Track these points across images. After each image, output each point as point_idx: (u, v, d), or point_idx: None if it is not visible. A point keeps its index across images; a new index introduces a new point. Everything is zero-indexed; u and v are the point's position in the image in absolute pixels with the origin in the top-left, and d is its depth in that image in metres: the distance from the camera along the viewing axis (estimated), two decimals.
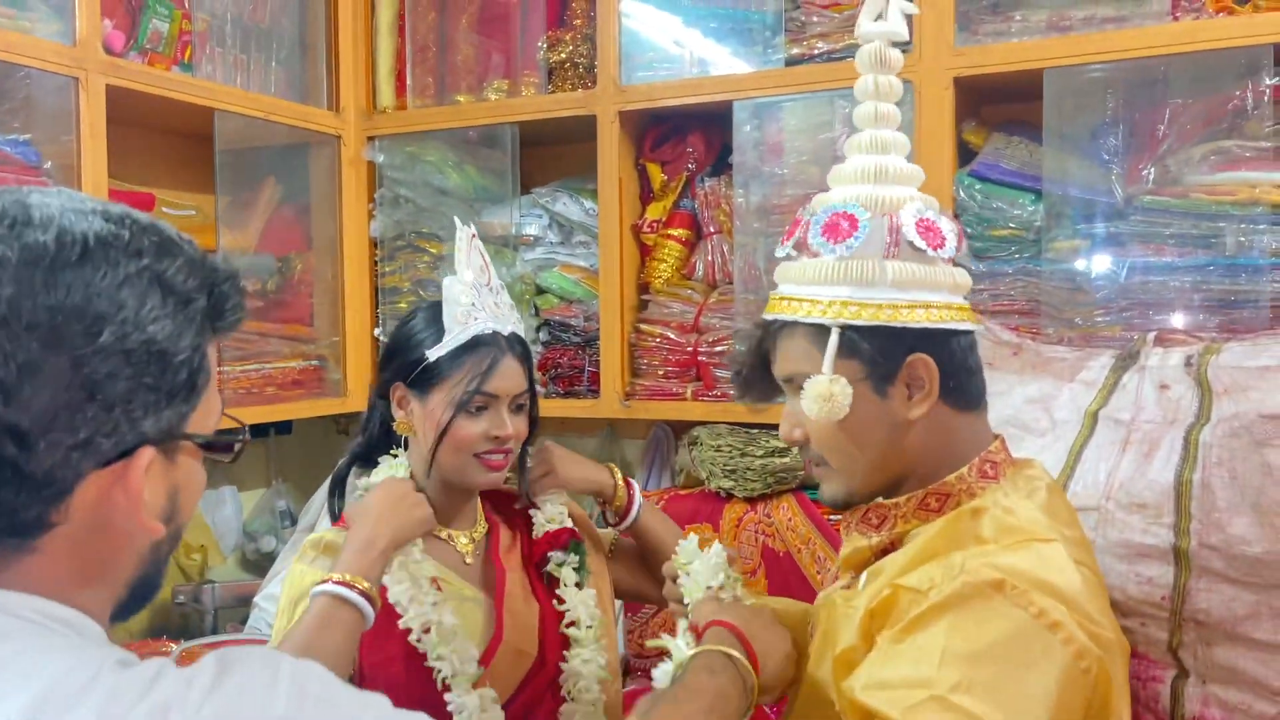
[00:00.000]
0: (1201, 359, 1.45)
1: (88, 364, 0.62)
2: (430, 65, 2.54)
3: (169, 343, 0.66)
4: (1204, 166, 1.81)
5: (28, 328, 0.61)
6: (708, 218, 2.32)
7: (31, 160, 1.90)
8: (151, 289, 0.66)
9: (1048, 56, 1.90)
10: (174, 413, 0.68)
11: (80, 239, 0.64)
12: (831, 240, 1.11)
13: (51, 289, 0.62)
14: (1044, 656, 0.94)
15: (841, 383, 1.08)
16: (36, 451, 0.62)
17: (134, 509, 0.67)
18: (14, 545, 0.65)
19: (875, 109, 1.16)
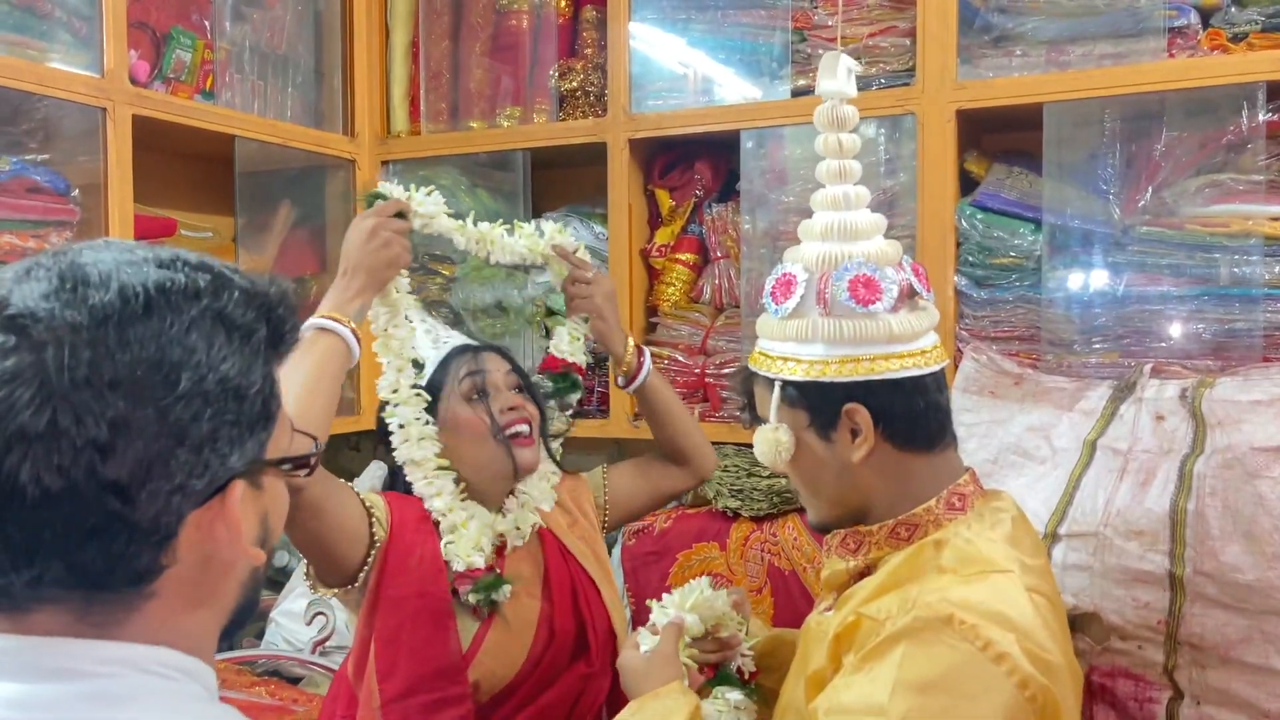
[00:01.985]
0: (1196, 392, 1.50)
1: (172, 412, 0.64)
2: (444, 91, 2.59)
3: (241, 377, 0.69)
4: (1199, 199, 1.87)
5: (110, 386, 0.63)
6: (715, 243, 2.37)
7: (60, 188, 1.95)
8: (216, 328, 0.68)
9: (1047, 91, 1.95)
10: (255, 442, 0.70)
11: (142, 292, 0.66)
12: (776, 300, 1.19)
13: (126, 346, 0.64)
14: (989, 688, 0.99)
15: (784, 429, 1.17)
16: (139, 502, 0.64)
17: (235, 540, 0.70)
18: (134, 593, 0.67)
19: (831, 166, 1.22)
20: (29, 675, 0.65)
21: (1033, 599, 1.05)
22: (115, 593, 0.67)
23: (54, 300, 0.64)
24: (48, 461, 0.61)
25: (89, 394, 0.62)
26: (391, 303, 1.52)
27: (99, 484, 0.62)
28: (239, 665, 2.31)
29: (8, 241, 1.88)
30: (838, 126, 1.22)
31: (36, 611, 0.66)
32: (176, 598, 0.69)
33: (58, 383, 0.62)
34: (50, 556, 0.64)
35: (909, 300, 1.17)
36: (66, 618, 0.66)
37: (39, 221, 1.93)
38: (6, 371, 0.62)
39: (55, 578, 0.65)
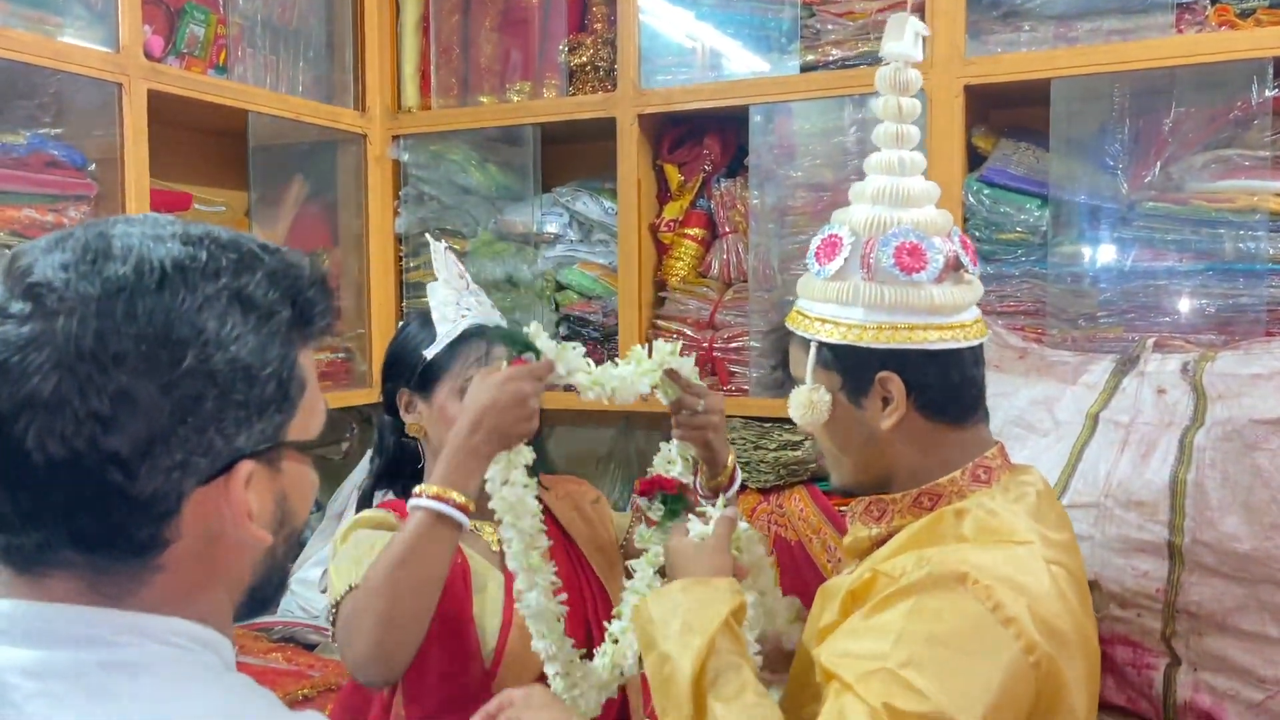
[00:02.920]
0: (1198, 365, 1.52)
1: (176, 389, 0.64)
2: (454, 66, 2.61)
3: (253, 358, 0.67)
4: (1205, 174, 1.87)
5: (115, 359, 0.63)
6: (723, 218, 2.39)
7: (77, 163, 1.98)
8: (231, 308, 0.67)
9: (1055, 66, 1.96)
10: (268, 424, 0.69)
11: (158, 266, 0.65)
12: (820, 260, 1.19)
13: (133, 320, 0.63)
14: (994, 648, 1.00)
15: (820, 392, 1.17)
16: (139, 476, 0.64)
17: (240, 520, 0.69)
18: (140, 564, 0.68)
19: (890, 130, 1.20)
20: (46, 641, 0.66)
21: (1051, 570, 1.06)
22: (122, 563, 0.67)
23: (72, 271, 0.64)
24: (51, 429, 0.62)
25: (93, 366, 0.62)
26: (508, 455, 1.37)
27: (100, 455, 0.63)
28: (255, 631, 2.35)
29: (26, 215, 1.91)
30: (900, 90, 1.20)
31: (50, 576, 0.67)
32: (186, 573, 0.69)
33: (65, 352, 0.62)
34: (55, 522, 0.65)
35: (954, 272, 1.16)
36: (79, 584, 0.67)
37: (57, 196, 1.96)
38: (22, 338, 0.63)
39: (61, 543, 0.66)
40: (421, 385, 1.51)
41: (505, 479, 1.36)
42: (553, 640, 1.37)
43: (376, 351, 2.61)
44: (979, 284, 1.21)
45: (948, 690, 0.98)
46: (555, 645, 1.37)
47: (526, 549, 1.38)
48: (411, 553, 1.26)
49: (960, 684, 0.98)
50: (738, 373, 2.32)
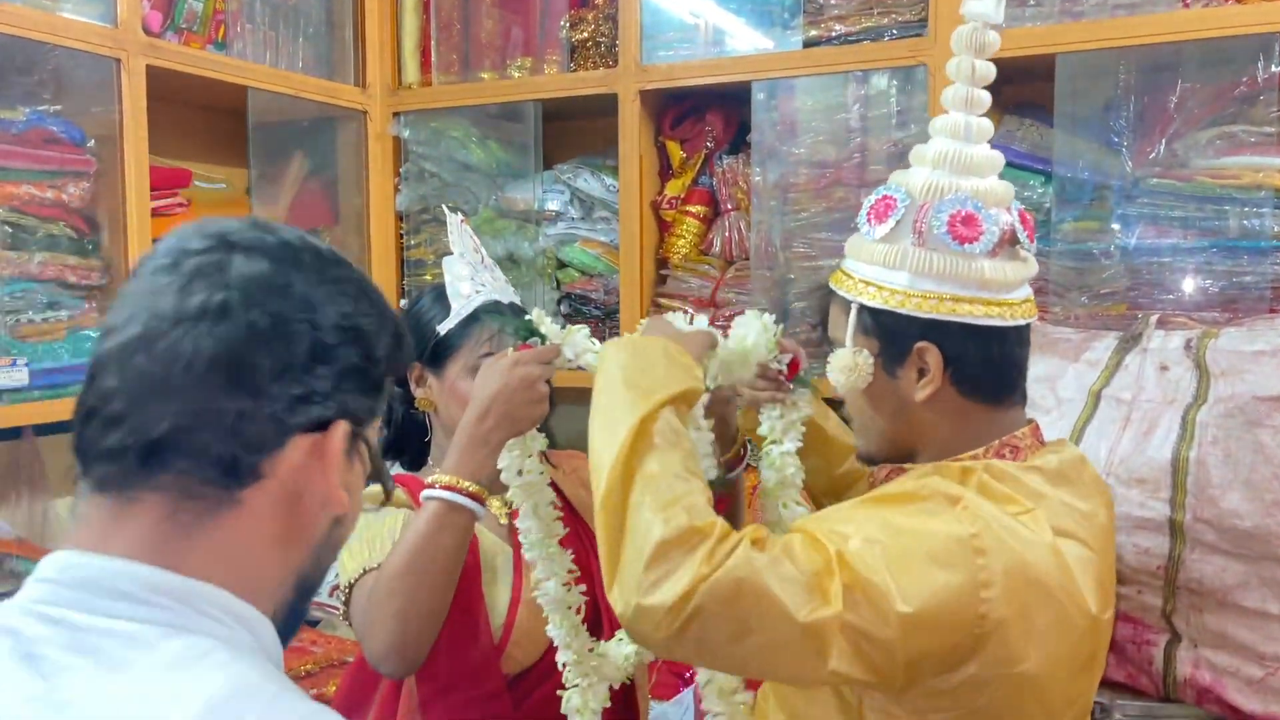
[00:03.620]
0: (1200, 342, 1.52)
1: (321, 330, 0.72)
2: (454, 42, 2.59)
3: (374, 338, 0.77)
4: (1210, 151, 1.86)
5: (279, 292, 0.72)
6: (725, 195, 2.38)
7: (76, 139, 1.97)
8: (360, 296, 0.77)
9: (1060, 41, 1.94)
10: (367, 405, 0.77)
11: (315, 247, 0.76)
12: (874, 222, 1.15)
13: (296, 269, 0.74)
14: (956, 566, 0.99)
15: (864, 355, 1.14)
16: (268, 393, 0.70)
17: (329, 474, 0.74)
18: (224, 496, 0.71)
19: (959, 92, 1.16)
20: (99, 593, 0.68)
21: (1055, 540, 1.04)
22: (212, 487, 0.71)
23: (250, 230, 0.75)
24: (211, 331, 0.69)
25: (260, 290, 0.71)
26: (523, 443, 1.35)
27: (246, 363, 0.69)
28: None
29: (26, 191, 1.90)
30: (976, 51, 1.16)
31: (139, 500, 0.70)
32: (260, 520, 0.73)
33: (237, 274, 0.71)
34: (180, 433, 0.69)
35: (1009, 247, 1.13)
36: (159, 513, 0.70)
37: (56, 172, 1.95)
38: (195, 265, 0.71)
39: (176, 457, 0.69)
40: (433, 360, 1.51)
41: (520, 468, 1.35)
42: (568, 629, 1.37)
43: None
44: (1034, 262, 1.17)
45: (896, 575, 0.97)
46: (570, 634, 1.38)
47: (545, 538, 1.38)
48: (427, 544, 1.25)
49: (912, 576, 0.98)
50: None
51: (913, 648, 0.98)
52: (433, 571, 1.26)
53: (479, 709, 1.45)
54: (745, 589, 0.96)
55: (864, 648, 0.97)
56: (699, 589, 0.95)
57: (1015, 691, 1.03)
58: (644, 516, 0.99)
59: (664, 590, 0.96)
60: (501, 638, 1.47)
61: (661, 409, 1.06)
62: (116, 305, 0.73)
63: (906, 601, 0.96)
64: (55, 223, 1.96)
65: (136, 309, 0.70)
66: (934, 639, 0.99)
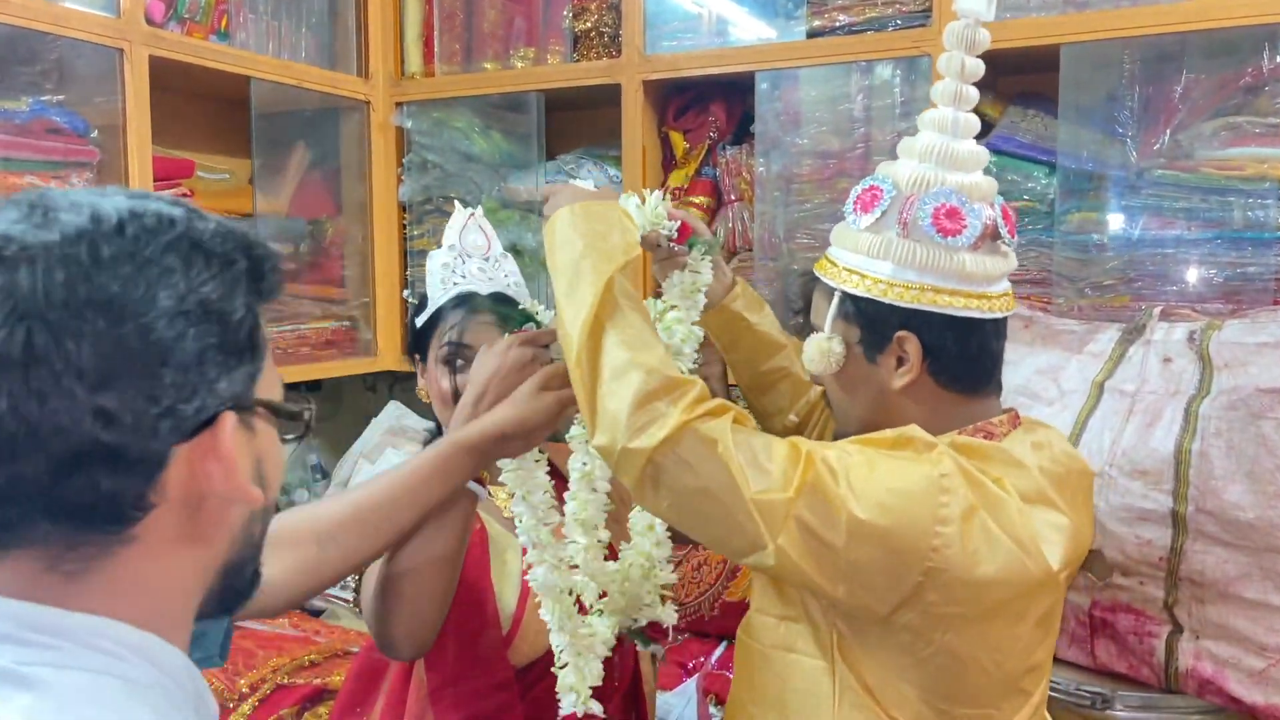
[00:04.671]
0: (1204, 334, 1.51)
1: (154, 329, 0.61)
2: (457, 32, 2.59)
3: (224, 302, 0.65)
4: (1215, 141, 1.86)
5: (88, 304, 0.59)
6: (729, 185, 2.37)
7: (80, 129, 1.97)
8: (194, 254, 0.64)
9: (1065, 32, 1.94)
10: (244, 374, 0.66)
11: (114, 213, 0.63)
12: (858, 211, 1.17)
13: (100, 264, 0.60)
14: (921, 497, 1.02)
15: (837, 341, 1.17)
16: (124, 427, 0.60)
17: (231, 474, 0.65)
18: (114, 535, 0.63)
19: (948, 88, 1.17)
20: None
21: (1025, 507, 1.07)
22: (96, 533, 0.62)
23: (25, 223, 0.61)
24: (25, 389, 0.58)
25: (66, 313, 0.59)
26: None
27: (83, 410, 0.59)
28: None
29: (29, 182, 1.90)
30: (967, 48, 1.17)
31: (7, 555, 0.62)
32: (160, 544, 0.65)
33: (32, 303, 0.58)
34: (30, 495, 0.60)
35: (990, 241, 1.15)
36: (35, 565, 0.62)
37: (59, 162, 1.95)
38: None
39: (33, 519, 0.61)
40: (422, 352, 1.54)
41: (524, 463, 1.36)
42: (560, 613, 1.39)
43: (380, 320, 2.61)
44: (1014, 257, 1.19)
45: (855, 485, 1.02)
46: (563, 618, 1.39)
47: (537, 524, 1.39)
48: (427, 526, 1.27)
49: (872, 489, 1.02)
50: None
51: (855, 553, 1.02)
52: (434, 552, 1.28)
53: (488, 699, 1.45)
54: (718, 451, 1.03)
55: (810, 543, 1.02)
56: (682, 435, 1.03)
57: (968, 640, 1.05)
58: (621, 365, 1.07)
59: (649, 434, 1.03)
60: (510, 629, 1.48)
61: (619, 272, 1.14)
62: None
63: (860, 509, 1.01)
64: None
65: None
66: (879, 554, 1.02)
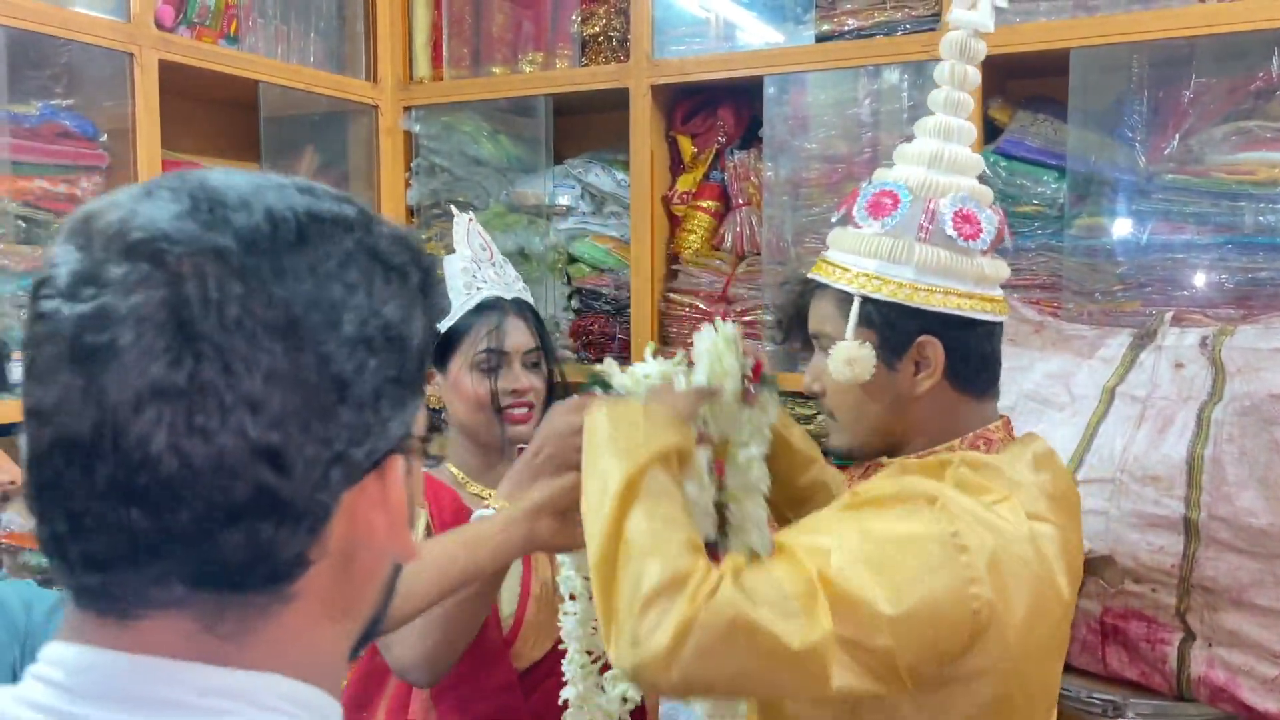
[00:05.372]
0: (1216, 340, 1.51)
1: (334, 361, 0.52)
2: (466, 37, 2.59)
3: (404, 326, 0.56)
4: (1226, 146, 1.85)
5: (265, 327, 0.50)
6: (737, 190, 2.37)
7: (89, 133, 1.97)
8: (373, 265, 0.55)
9: (1074, 36, 1.93)
10: (414, 408, 0.58)
11: (290, 215, 0.53)
12: (873, 216, 1.17)
13: (279, 278, 0.51)
14: (941, 566, 0.99)
15: (867, 348, 1.15)
16: (294, 473, 0.51)
17: (398, 529, 0.57)
18: (273, 595, 0.54)
19: (949, 96, 1.19)
20: (127, 704, 0.52)
21: (1031, 523, 1.05)
22: (254, 593, 0.54)
23: (191, 221, 0.51)
24: (189, 423, 0.49)
25: (240, 337, 0.50)
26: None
27: (251, 450, 0.50)
28: None
29: (39, 186, 1.91)
30: (965, 58, 1.19)
31: (150, 618, 0.52)
32: (317, 604, 0.56)
33: (202, 323, 0.49)
34: (183, 547, 0.51)
35: (998, 245, 1.17)
36: (189, 627, 0.53)
37: (69, 166, 1.96)
38: (133, 310, 0.49)
39: (183, 575, 0.52)
40: (437, 358, 1.53)
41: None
42: (579, 667, 1.39)
43: None
44: (1005, 263, 1.21)
45: (881, 582, 0.97)
46: (580, 673, 1.39)
47: (577, 574, 1.38)
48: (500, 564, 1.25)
49: (897, 580, 0.98)
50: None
51: (910, 651, 0.98)
52: (476, 602, 1.29)
53: (490, 701, 1.46)
54: (737, 625, 0.96)
55: (862, 658, 0.97)
56: (690, 631, 0.95)
57: (1005, 680, 1.04)
58: (631, 570, 1.00)
59: (656, 638, 0.96)
60: (510, 631, 1.48)
61: (647, 468, 1.06)
62: (30, 372, 0.52)
63: (894, 605, 0.97)
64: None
65: (68, 387, 0.50)
66: (929, 640, 0.99)
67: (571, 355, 2.48)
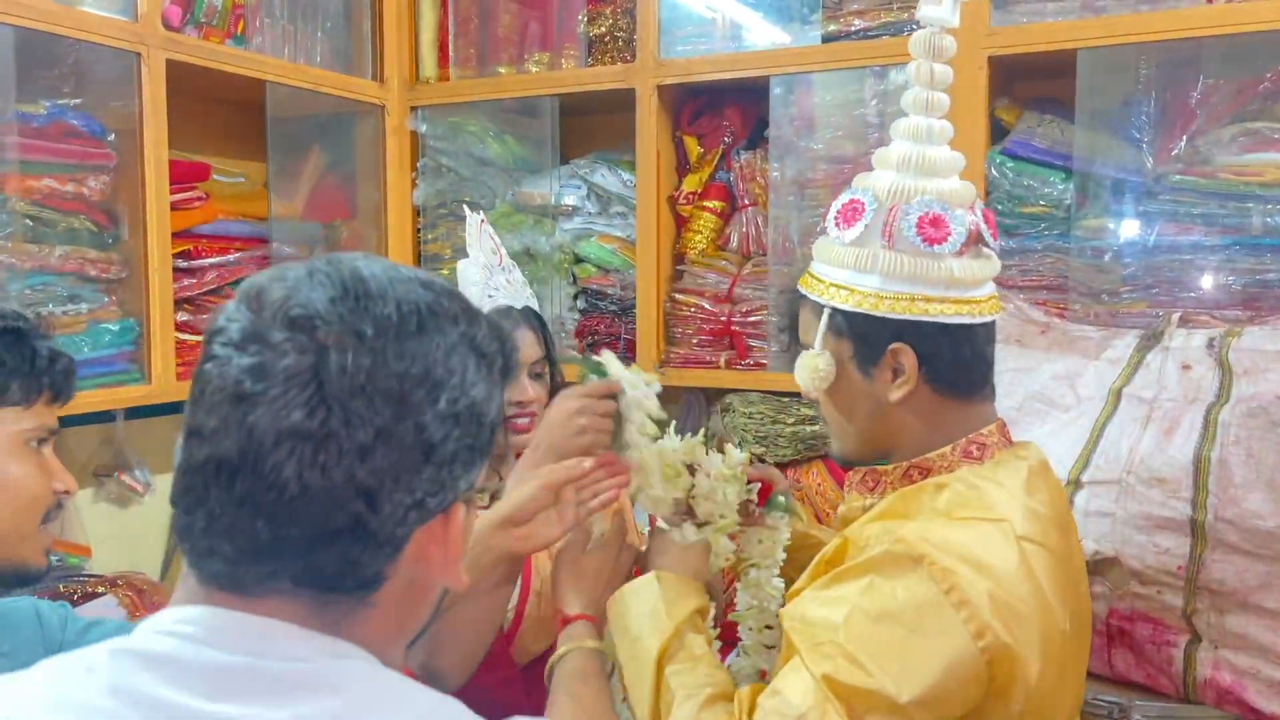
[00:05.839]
0: (1223, 341, 1.50)
1: (427, 429, 0.67)
2: (472, 37, 2.59)
3: (485, 405, 0.71)
4: (1233, 147, 1.85)
5: (382, 395, 0.65)
6: (743, 190, 2.37)
7: (97, 132, 1.98)
8: (470, 354, 0.70)
9: (1082, 37, 1.93)
10: (479, 469, 0.73)
11: (416, 309, 0.68)
12: (841, 225, 1.16)
13: (401, 359, 0.66)
14: (942, 630, 0.99)
15: (826, 358, 1.15)
16: (382, 511, 0.66)
17: (452, 563, 0.72)
18: (358, 599, 0.69)
19: (918, 96, 1.17)
20: (266, 655, 0.65)
21: (1023, 548, 1.04)
22: (343, 597, 0.68)
23: (340, 306, 0.66)
24: (313, 460, 0.63)
25: (362, 400, 0.65)
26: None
27: (353, 487, 0.65)
28: None
29: (47, 185, 1.91)
30: (933, 55, 1.17)
31: (267, 599, 0.67)
32: (389, 613, 0.71)
33: (337, 386, 0.64)
34: (292, 554, 0.65)
35: (974, 246, 1.14)
36: (302, 611, 0.67)
37: (77, 165, 1.96)
38: (287, 369, 0.64)
39: (291, 575, 0.66)
40: None
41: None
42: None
43: None
44: (997, 260, 1.19)
45: (888, 669, 0.98)
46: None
47: None
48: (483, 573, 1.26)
49: (903, 662, 0.98)
50: (756, 346, 2.31)
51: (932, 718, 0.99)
52: (486, 604, 1.30)
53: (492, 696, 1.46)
54: None
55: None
56: None
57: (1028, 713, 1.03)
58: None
59: None
60: (510, 625, 1.48)
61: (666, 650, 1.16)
62: (198, 400, 0.67)
63: (905, 689, 0.97)
64: (75, 216, 1.97)
65: (227, 418, 0.65)
66: (954, 703, 1.00)
67: (577, 356, 2.48)
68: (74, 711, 0.64)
